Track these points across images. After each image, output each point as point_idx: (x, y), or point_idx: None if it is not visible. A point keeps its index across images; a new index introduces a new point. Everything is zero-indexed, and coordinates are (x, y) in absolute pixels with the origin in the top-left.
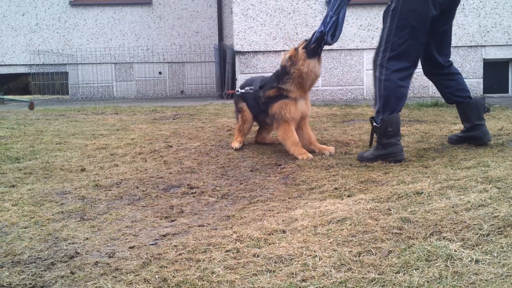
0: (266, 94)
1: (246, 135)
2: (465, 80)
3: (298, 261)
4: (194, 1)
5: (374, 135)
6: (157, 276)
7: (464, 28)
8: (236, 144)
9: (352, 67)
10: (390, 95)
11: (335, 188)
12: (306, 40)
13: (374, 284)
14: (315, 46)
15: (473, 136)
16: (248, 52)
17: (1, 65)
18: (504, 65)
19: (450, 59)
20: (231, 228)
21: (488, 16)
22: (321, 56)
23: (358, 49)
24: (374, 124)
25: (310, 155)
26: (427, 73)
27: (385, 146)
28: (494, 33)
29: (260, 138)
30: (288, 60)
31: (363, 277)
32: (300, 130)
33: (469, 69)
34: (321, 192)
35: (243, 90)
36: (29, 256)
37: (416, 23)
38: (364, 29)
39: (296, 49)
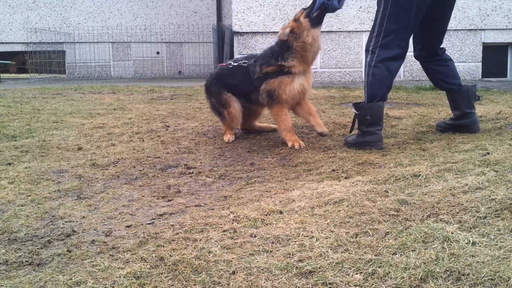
0: (264, 70)
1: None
2: (464, 63)
3: (295, 241)
4: None
5: (356, 122)
6: (154, 255)
7: (464, 11)
8: (228, 137)
9: (351, 49)
10: (379, 82)
11: (333, 170)
12: (304, 9)
13: (370, 265)
14: (319, 13)
15: (462, 124)
16: (247, 33)
17: None
18: (504, 49)
19: (443, 46)
20: (228, 208)
21: None
22: (321, 25)
23: (357, 31)
24: (354, 110)
25: (302, 144)
26: (419, 58)
27: (364, 134)
28: (494, 17)
29: (247, 125)
30: (290, 34)
31: (359, 258)
32: (299, 104)
33: (468, 53)
34: (319, 174)
35: (235, 64)
36: (25, 234)
37: (410, 10)
38: (363, 11)
39: (296, 20)
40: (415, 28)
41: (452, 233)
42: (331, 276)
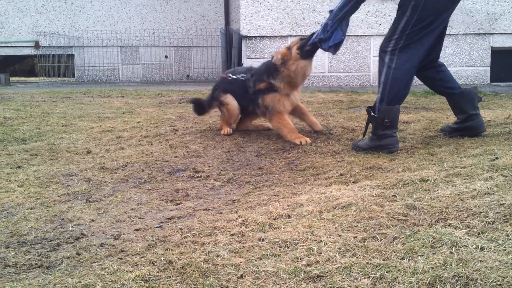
0: (257, 86)
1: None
2: (472, 68)
3: (303, 245)
4: None
5: (369, 125)
6: (162, 259)
7: (473, 15)
8: (226, 129)
9: (359, 53)
10: (398, 85)
11: (341, 174)
12: (301, 39)
13: (378, 269)
14: (311, 49)
15: (468, 127)
16: (255, 37)
17: (8, 46)
18: None
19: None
20: (236, 212)
21: (496, 3)
22: (313, 57)
23: (366, 35)
24: (372, 114)
25: (308, 139)
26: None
27: (380, 138)
28: (503, 21)
29: (243, 126)
30: (280, 60)
31: (367, 263)
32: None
33: (477, 57)
34: (327, 178)
35: (234, 76)
36: (35, 237)
37: (437, 19)
38: (371, 15)
39: (289, 48)
40: (436, 37)
41: (460, 238)
42: (339, 280)
